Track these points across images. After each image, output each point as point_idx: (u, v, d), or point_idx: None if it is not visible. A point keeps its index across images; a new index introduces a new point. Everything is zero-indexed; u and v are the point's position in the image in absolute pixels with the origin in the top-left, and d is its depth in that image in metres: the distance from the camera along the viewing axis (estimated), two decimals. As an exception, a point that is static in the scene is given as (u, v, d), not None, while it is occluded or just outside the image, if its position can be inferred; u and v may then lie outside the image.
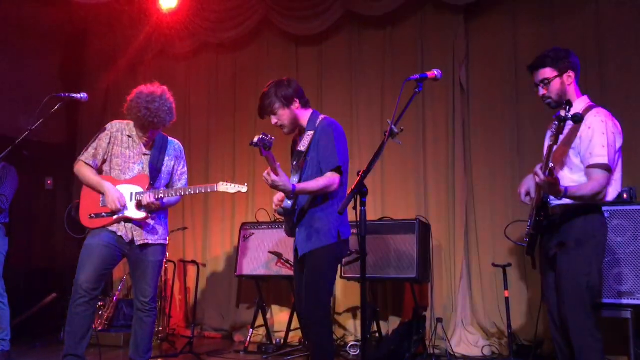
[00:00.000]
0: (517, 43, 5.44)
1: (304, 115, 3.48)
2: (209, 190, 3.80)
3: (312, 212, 3.34)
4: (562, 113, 2.72)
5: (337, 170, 3.30)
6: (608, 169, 2.93)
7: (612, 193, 3.05)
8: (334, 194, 3.33)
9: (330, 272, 3.36)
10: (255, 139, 3.03)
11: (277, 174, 3.11)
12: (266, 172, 3.13)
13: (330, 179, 3.27)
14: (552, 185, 2.79)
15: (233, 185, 3.72)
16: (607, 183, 2.95)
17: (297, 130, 3.53)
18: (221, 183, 3.74)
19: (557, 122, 2.70)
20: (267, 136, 3.02)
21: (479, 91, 5.57)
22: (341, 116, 6.01)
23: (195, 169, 6.55)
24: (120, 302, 6.02)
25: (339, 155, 3.32)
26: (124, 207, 3.77)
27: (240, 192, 3.77)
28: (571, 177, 3.05)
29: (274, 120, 3.45)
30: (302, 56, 6.46)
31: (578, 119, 2.69)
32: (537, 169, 2.78)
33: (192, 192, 3.86)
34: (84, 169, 3.86)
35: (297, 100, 3.44)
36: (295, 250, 3.43)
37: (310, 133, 3.40)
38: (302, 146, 3.38)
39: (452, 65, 5.60)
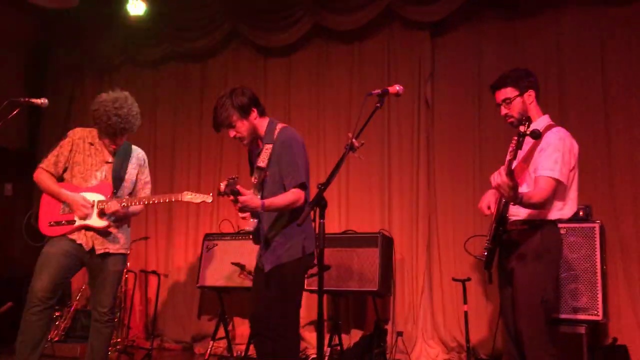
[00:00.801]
0: (481, 61, 5.55)
1: (262, 125, 3.38)
2: (173, 200, 3.74)
3: (274, 227, 3.31)
4: (522, 129, 2.79)
5: (302, 186, 3.26)
6: (558, 182, 2.99)
7: (568, 212, 3.12)
8: (298, 209, 3.26)
9: (297, 287, 3.34)
10: (223, 188, 3.02)
11: (242, 194, 3.06)
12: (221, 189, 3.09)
13: (296, 194, 3.22)
14: (511, 188, 2.82)
15: (198, 195, 3.67)
16: (553, 197, 3.01)
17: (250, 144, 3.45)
18: (186, 193, 3.69)
19: (516, 138, 2.77)
20: (233, 179, 3.00)
21: (444, 107, 5.66)
22: (308, 128, 6.06)
23: (160, 178, 6.50)
24: (78, 313, 5.89)
25: (302, 171, 3.29)
26: (92, 210, 3.71)
27: (205, 202, 3.72)
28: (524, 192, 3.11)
29: (232, 133, 3.32)
30: (270, 68, 6.47)
31: (536, 135, 2.76)
32: (501, 169, 2.83)
33: (157, 202, 3.81)
34: (43, 177, 3.79)
35: (255, 110, 3.34)
36: (262, 265, 3.36)
37: (268, 147, 3.31)
38: (262, 162, 3.29)
39: (418, 80, 5.69)
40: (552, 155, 3.02)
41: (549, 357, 2.97)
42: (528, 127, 2.79)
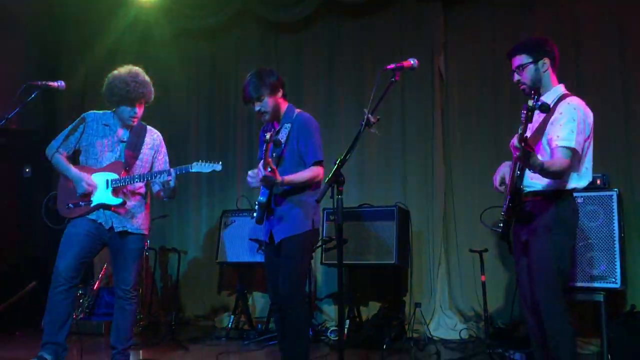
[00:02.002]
0: (495, 32, 5.49)
1: (283, 107, 3.60)
2: (183, 172, 3.74)
3: (289, 200, 3.46)
4: (530, 102, 2.78)
5: (320, 163, 3.47)
6: (574, 152, 2.98)
7: (583, 182, 3.12)
8: (310, 184, 3.48)
9: (306, 258, 3.53)
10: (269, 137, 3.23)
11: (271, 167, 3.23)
12: (254, 171, 3.29)
13: (315, 171, 3.44)
14: (528, 155, 2.82)
15: (207, 164, 3.70)
16: (571, 166, 3.00)
17: (270, 121, 3.61)
18: (195, 163, 3.71)
19: (524, 112, 2.77)
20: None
21: (458, 80, 5.62)
22: (320, 104, 6.05)
23: (174, 157, 6.51)
24: (101, 290, 6.02)
25: (320, 149, 3.50)
26: (94, 189, 3.76)
27: (215, 172, 3.75)
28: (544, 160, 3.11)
29: (257, 106, 3.50)
30: (281, 44, 6.46)
31: (545, 108, 2.75)
32: (515, 141, 2.82)
33: (168, 175, 3.76)
34: (54, 155, 3.86)
35: (281, 90, 3.55)
36: (270, 238, 3.52)
37: (287, 125, 3.50)
38: (281, 138, 3.45)
39: (431, 54, 5.64)
40: (568, 125, 3.00)
41: (566, 325, 2.99)
42: (537, 100, 2.79)
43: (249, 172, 3.52)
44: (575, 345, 3.04)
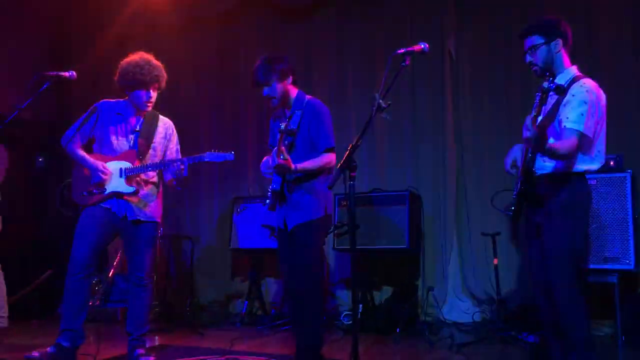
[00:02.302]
0: (506, 13, 5.43)
1: (293, 93, 3.61)
2: (196, 161, 3.75)
3: (300, 187, 3.49)
4: (545, 84, 2.76)
5: (332, 149, 3.49)
6: (582, 135, 2.96)
7: (595, 164, 3.09)
8: (322, 171, 3.51)
9: (319, 244, 3.54)
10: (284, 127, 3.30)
11: (284, 155, 3.26)
12: (267, 161, 3.35)
13: (328, 157, 3.48)
14: (539, 138, 2.82)
15: (219, 153, 3.71)
16: (579, 148, 2.98)
17: (282, 106, 3.63)
18: (208, 152, 3.71)
19: (539, 94, 2.75)
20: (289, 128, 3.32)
21: (469, 62, 5.58)
22: (330, 90, 6.04)
23: (184, 144, 6.53)
24: (116, 277, 6.08)
25: (331, 136, 3.52)
26: (110, 175, 3.78)
27: (228, 163, 3.76)
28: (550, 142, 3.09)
29: (266, 91, 3.53)
30: (290, 30, 6.43)
31: (560, 90, 2.73)
32: (528, 120, 2.81)
33: (181, 164, 3.77)
34: (68, 145, 3.89)
35: (291, 77, 3.56)
36: (284, 224, 3.54)
37: (298, 112, 3.51)
38: (293, 125, 3.47)
39: (441, 36, 5.60)
40: (579, 108, 2.97)
41: (580, 308, 2.99)
42: (551, 82, 2.77)
43: (262, 162, 3.56)
44: (590, 328, 3.04)
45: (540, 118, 2.96)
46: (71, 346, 3.69)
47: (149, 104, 3.90)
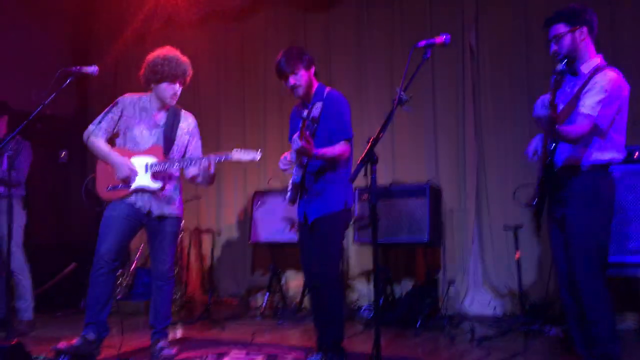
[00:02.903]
0: (527, 4, 5.36)
1: (315, 84, 3.62)
2: (223, 159, 3.78)
3: (321, 180, 3.50)
4: (558, 67, 2.74)
5: (349, 140, 3.49)
6: (592, 121, 2.93)
7: (617, 155, 3.05)
8: (342, 163, 3.52)
9: (339, 237, 3.56)
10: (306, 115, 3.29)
11: (307, 138, 3.25)
12: (297, 135, 3.25)
13: (343, 147, 3.46)
14: (552, 118, 2.79)
15: (246, 151, 3.72)
16: (586, 132, 2.94)
17: (301, 100, 3.64)
18: (235, 150, 3.74)
19: (554, 77, 2.73)
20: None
21: (489, 54, 5.52)
22: (350, 83, 6.02)
23: (205, 138, 6.56)
24: (139, 271, 6.16)
25: (349, 126, 3.52)
26: (135, 172, 3.82)
27: (253, 160, 3.78)
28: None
29: (292, 80, 3.52)
30: (309, 23, 6.42)
31: (574, 72, 2.72)
32: (546, 98, 2.79)
33: (208, 161, 3.80)
34: (92, 139, 3.88)
35: (314, 68, 3.59)
36: (304, 217, 3.56)
37: (318, 104, 3.49)
38: (314, 115, 3.47)
39: (461, 27, 5.56)
40: (597, 96, 2.95)
41: (605, 301, 2.97)
42: (565, 65, 2.75)
43: (281, 159, 3.56)
44: (615, 322, 3.01)
45: (558, 104, 2.95)
46: (96, 338, 3.74)
47: (174, 98, 3.93)
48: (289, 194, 3.55)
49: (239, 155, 3.71)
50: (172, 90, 3.88)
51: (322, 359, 3.46)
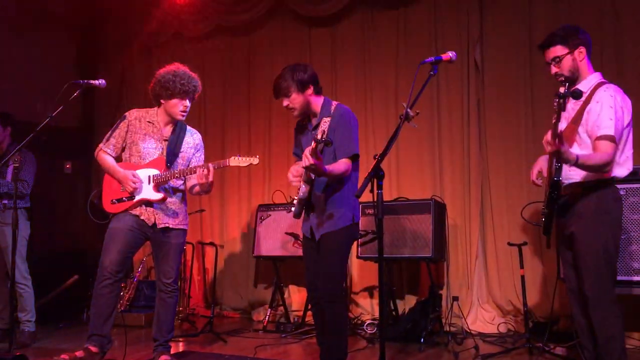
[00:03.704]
0: (532, 20, 5.39)
1: (317, 102, 3.58)
2: (222, 166, 3.80)
3: (328, 196, 3.48)
4: (561, 90, 2.76)
5: (353, 157, 3.45)
6: (614, 140, 2.94)
7: (623, 170, 3.07)
8: (347, 179, 3.48)
9: (345, 253, 3.54)
10: (319, 136, 3.19)
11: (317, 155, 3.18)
12: (309, 151, 3.14)
13: (347, 164, 3.42)
14: (565, 151, 2.82)
15: (244, 158, 3.73)
16: (614, 155, 2.96)
17: (306, 115, 3.63)
18: (232, 157, 3.75)
19: (557, 100, 2.75)
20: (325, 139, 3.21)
21: (494, 71, 5.54)
22: (354, 97, 6.05)
23: (211, 152, 6.59)
24: (141, 284, 6.15)
25: (355, 144, 3.48)
26: (141, 184, 3.83)
27: (252, 165, 3.78)
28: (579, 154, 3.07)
29: (285, 102, 3.52)
30: (315, 38, 6.46)
31: (577, 95, 2.74)
32: (548, 136, 2.80)
33: (206, 169, 3.78)
34: (102, 156, 3.98)
35: (312, 87, 3.53)
36: (311, 233, 3.55)
37: (326, 119, 3.48)
38: (320, 134, 3.41)
39: (466, 44, 5.58)
40: (606, 114, 2.96)
41: (614, 318, 2.96)
42: (568, 88, 2.77)
43: (290, 170, 3.55)
44: (624, 339, 3.00)
45: (561, 125, 2.97)
46: (99, 351, 3.74)
47: (184, 114, 3.96)
48: (295, 208, 3.54)
49: (237, 161, 3.73)
50: (182, 106, 3.91)
51: None
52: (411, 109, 2.81)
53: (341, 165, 3.40)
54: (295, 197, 3.53)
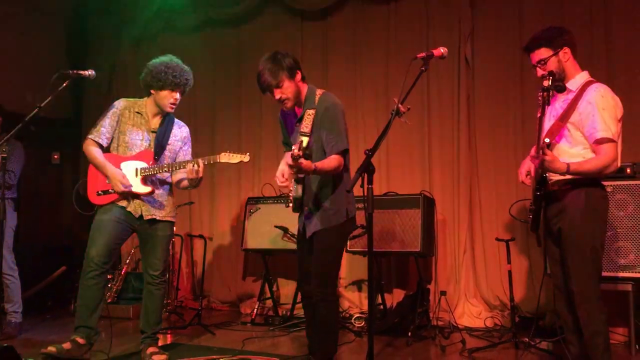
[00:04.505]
0: (522, 17, 5.41)
1: (303, 90, 3.45)
2: (212, 162, 3.76)
3: (321, 193, 3.42)
4: (545, 83, 2.78)
5: (343, 152, 3.35)
6: (614, 141, 2.97)
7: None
8: (340, 174, 3.41)
9: (339, 250, 3.51)
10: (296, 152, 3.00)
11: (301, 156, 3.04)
12: (295, 150, 3.01)
13: (338, 160, 3.31)
14: (551, 162, 2.85)
15: (235, 155, 3.70)
16: (616, 155, 2.99)
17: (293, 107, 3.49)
18: (223, 153, 3.71)
19: (541, 93, 2.77)
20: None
21: (485, 66, 5.56)
22: (346, 91, 6.04)
23: (201, 145, 6.59)
24: (129, 275, 6.14)
25: (344, 137, 3.38)
26: (129, 186, 3.81)
27: (244, 163, 3.77)
28: (570, 152, 3.09)
29: (277, 94, 3.37)
30: (306, 32, 6.44)
31: (560, 88, 2.76)
32: (533, 152, 2.84)
33: (196, 164, 3.75)
34: (90, 148, 3.90)
35: (299, 72, 3.40)
36: (303, 229, 3.51)
37: (311, 112, 3.37)
38: (306, 127, 3.35)
39: (457, 40, 5.59)
40: (602, 115, 2.97)
41: (599, 314, 2.99)
42: (552, 81, 2.80)
43: (276, 176, 3.46)
44: (608, 334, 3.04)
45: (547, 121, 3.00)
46: (86, 342, 3.73)
47: (173, 106, 3.94)
48: (291, 204, 3.47)
49: (227, 158, 3.69)
50: (172, 98, 3.89)
51: None
52: (402, 105, 2.80)
53: (332, 161, 3.29)
54: (291, 196, 3.47)
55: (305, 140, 3.25)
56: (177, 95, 3.91)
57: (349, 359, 4.10)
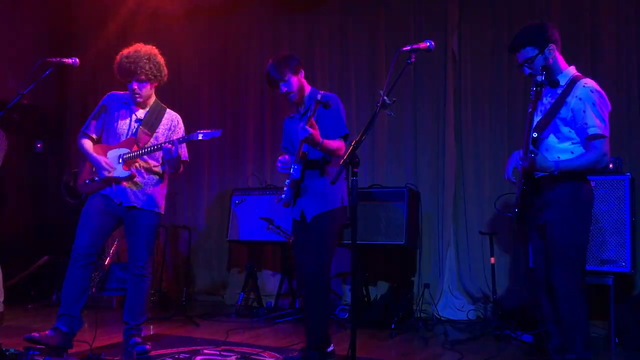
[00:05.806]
0: (510, 11, 5.42)
1: (307, 89, 3.69)
2: (187, 140, 3.77)
3: (318, 179, 3.56)
4: (539, 78, 2.79)
5: (345, 137, 3.57)
6: (605, 137, 2.99)
7: None
8: (337, 161, 3.54)
9: (335, 235, 3.60)
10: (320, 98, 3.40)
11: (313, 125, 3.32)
12: (303, 125, 3.32)
13: (340, 143, 3.53)
14: (539, 162, 2.87)
15: (208, 131, 3.73)
16: (607, 150, 3.00)
17: (301, 101, 3.67)
18: (197, 131, 3.75)
19: (534, 88, 2.78)
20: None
21: (472, 59, 5.57)
22: (332, 84, 6.04)
23: (185, 132, 6.55)
24: (112, 266, 6.10)
25: (344, 124, 3.59)
26: (111, 170, 3.82)
27: (215, 138, 3.76)
28: (558, 146, 3.10)
29: (283, 88, 3.58)
30: (294, 22, 6.42)
31: (554, 83, 2.77)
32: (521, 153, 2.85)
33: (172, 146, 3.73)
34: (81, 141, 3.97)
35: (302, 71, 3.65)
36: (301, 216, 3.59)
37: (314, 106, 3.51)
38: (313, 113, 3.49)
39: (444, 32, 5.60)
40: (592, 111, 2.98)
41: (581, 307, 3.02)
42: (546, 76, 2.80)
43: (279, 159, 3.60)
44: (589, 328, 3.07)
45: (536, 117, 3.01)
46: (69, 331, 3.70)
47: (136, 96, 3.91)
48: (285, 195, 3.54)
49: (201, 135, 3.72)
50: (131, 87, 3.88)
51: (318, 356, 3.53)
52: (388, 97, 2.81)
53: (335, 142, 3.50)
54: (286, 183, 3.53)
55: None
56: (134, 85, 3.87)
57: (332, 350, 4.11)
